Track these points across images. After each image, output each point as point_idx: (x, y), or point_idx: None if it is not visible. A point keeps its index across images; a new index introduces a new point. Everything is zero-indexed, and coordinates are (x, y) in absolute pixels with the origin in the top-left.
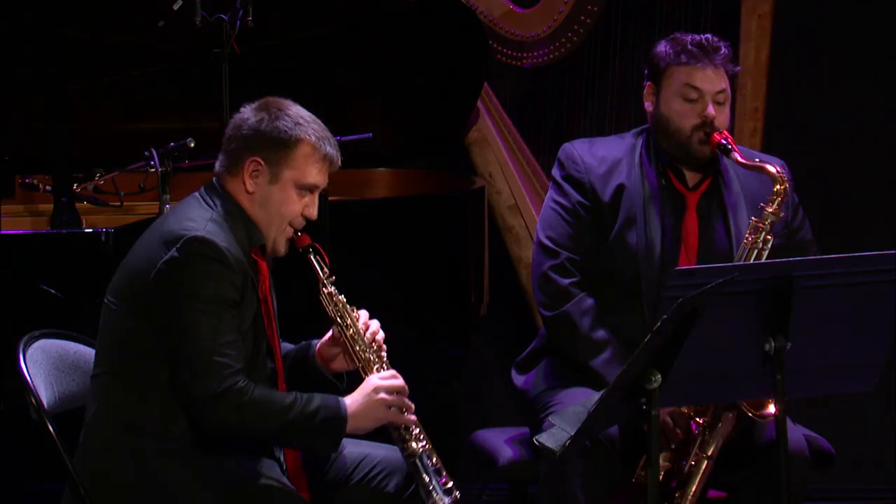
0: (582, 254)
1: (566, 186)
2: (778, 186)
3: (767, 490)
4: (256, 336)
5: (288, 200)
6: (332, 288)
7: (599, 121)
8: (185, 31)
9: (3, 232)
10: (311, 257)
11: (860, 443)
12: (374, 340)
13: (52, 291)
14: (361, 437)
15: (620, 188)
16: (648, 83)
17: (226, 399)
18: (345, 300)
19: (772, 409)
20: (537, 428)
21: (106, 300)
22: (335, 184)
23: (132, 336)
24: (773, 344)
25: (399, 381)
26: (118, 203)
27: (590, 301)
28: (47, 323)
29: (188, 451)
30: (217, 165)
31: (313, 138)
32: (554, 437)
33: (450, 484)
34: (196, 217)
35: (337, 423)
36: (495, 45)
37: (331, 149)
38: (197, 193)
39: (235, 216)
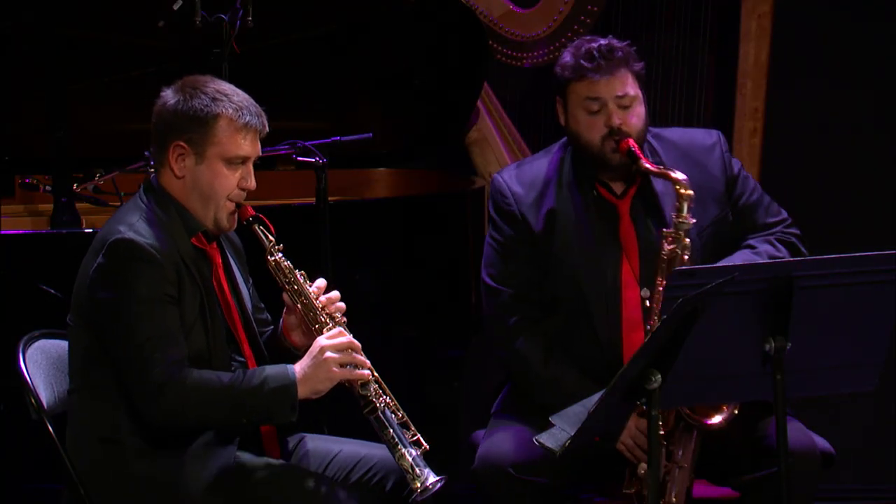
0: (523, 286)
1: (499, 221)
2: (682, 191)
3: (782, 489)
4: (208, 327)
5: (219, 176)
6: (280, 255)
7: None
8: (185, 31)
9: (3, 232)
10: (256, 227)
11: (860, 443)
12: (327, 306)
13: (52, 291)
14: (358, 437)
15: (552, 213)
16: (557, 98)
17: (167, 392)
18: (292, 266)
19: (718, 418)
20: None
21: (67, 319)
22: (335, 184)
23: (91, 350)
24: (773, 344)
25: (346, 338)
26: (118, 203)
27: (538, 337)
28: (47, 323)
29: (167, 451)
30: (151, 160)
31: (230, 111)
32: (554, 437)
33: (417, 437)
34: (126, 219)
35: (287, 390)
36: (495, 45)
37: (252, 117)
38: (136, 195)
39: (169, 209)
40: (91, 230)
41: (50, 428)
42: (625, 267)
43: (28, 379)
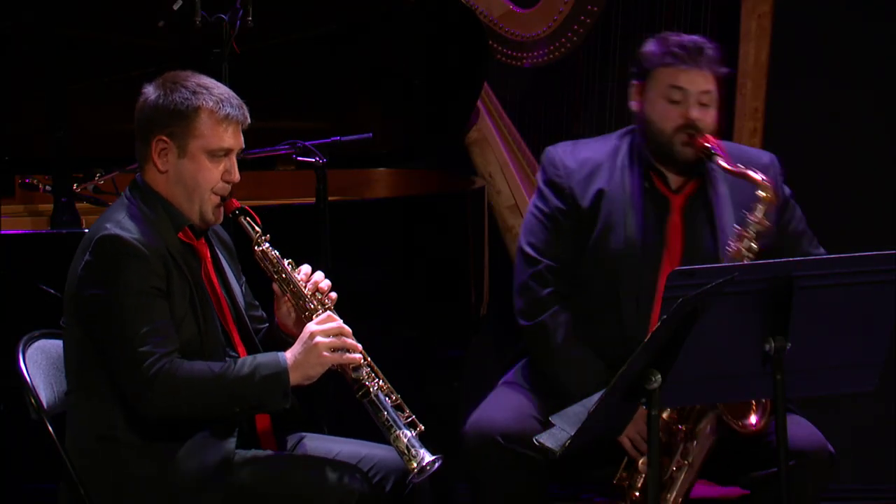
0: (562, 261)
1: (546, 192)
2: (762, 194)
3: (790, 488)
4: (199, 321)
5: (202, 169)
6: (266, 245)
7: (599, 121)
8: (185, 31)
9: (3, 232)
10: (242, 219)
11: (860, 443)
12: (316, 290)
13: (52, 291)
14: (359, 437)
15: (600, 193)
16: (636, 82)
17: (157, 384)
18: (279, 256)
19: (754, 419)
20: None
21: (60, 322)
22: (335, 184)
23: (85, 349)
24: (773, 344)
25: (335, 323)
26: None
27: (566, 314)
28: (47, 323)
29: (165, 448)
30: (136, 157)
31: (211, 103)
32: (554, 437)
33: (412, 418)
34: (112, 217)
35: (278, 377)
36: (495, 45)
37: (232, 109)
38: (122, 194)
39: (155, 206)
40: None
41: (50, 428)
42: (665, 264)
43: (28, 379)
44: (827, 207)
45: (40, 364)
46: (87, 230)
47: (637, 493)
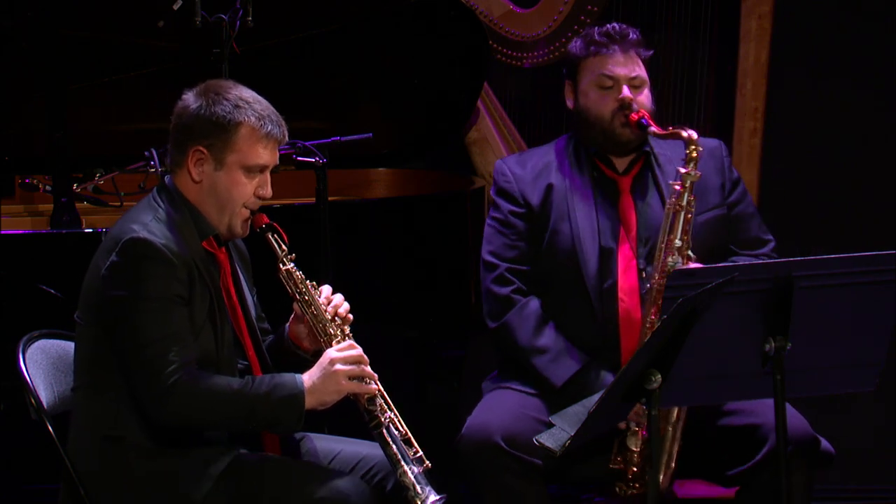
0: (521, 261)
1: (498, 200)
2: (691, 147)
3: (779, 478)
4: (217, 330)
5: (237, 184)
6: (292, 265)
7: None
8: (185, 31)
9: (3, 232)
10: (269, 236)
11: (860, 443)
12: (336, 315)
13: (52, 291)
14: (359, 438)
15: (549, 187)
16: (567, 81)
17: (174, 393)
18: (303, 276)
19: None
20: None
21: (75, 316)
22: (335, 184)
23: (98, 347)
24: (773, 344)
25: (356, 351)
26: (118, 203)
27: (532, 306)
28: (47, 323)
29: (170, 449)
30: (168, 160)
31: (253, 119)
32: (554, 437)
33: (419, 454)
34: (139, 219)
35: (295, 399)
36: (495, 45)
37: (273, 126)
38: (149, 195)
39: (182, 211)
40: (91, 230)
41: (50, 428)
42: (622, 239)
43: (28, 379)
44: (827, 207)
45: (40, 364)
46: (87, 230)
47: (635, 469)
